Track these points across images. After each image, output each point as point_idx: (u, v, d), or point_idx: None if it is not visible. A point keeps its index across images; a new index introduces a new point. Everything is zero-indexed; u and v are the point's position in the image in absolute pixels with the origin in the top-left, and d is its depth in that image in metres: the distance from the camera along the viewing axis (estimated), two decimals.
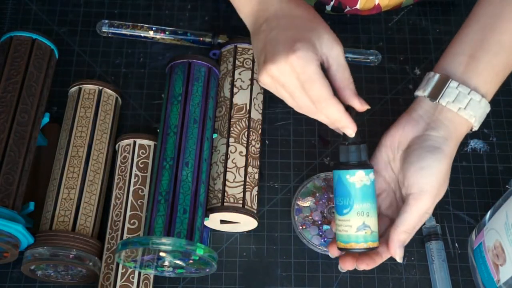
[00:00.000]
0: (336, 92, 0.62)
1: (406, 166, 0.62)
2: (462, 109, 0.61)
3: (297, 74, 0.59)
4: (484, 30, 0.62)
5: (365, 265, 0.63)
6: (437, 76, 0.63)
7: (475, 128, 0.63)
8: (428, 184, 0.60)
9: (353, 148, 0.62)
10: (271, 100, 0.80)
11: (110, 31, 0.84)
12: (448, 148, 0.61)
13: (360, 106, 0.62)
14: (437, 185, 0.61)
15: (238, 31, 0.84)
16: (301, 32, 0.60)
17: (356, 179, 0.61)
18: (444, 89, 0.62)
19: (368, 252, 0.63)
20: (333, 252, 0.64)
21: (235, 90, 0.75)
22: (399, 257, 0.62)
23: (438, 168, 0.61)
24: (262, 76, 0.61)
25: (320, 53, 0.60)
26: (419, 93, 0.64)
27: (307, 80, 0.59)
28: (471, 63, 0.62)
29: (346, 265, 0.63)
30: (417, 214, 0.61)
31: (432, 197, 0.61)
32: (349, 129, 0.62)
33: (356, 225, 0.61)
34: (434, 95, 0.62)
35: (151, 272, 0.68)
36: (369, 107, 0.63)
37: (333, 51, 0.61)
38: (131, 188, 0.71)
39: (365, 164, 0.62)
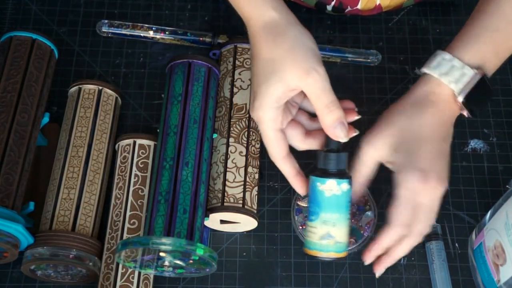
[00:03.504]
0: None
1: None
2: (444, 75, 0.62)
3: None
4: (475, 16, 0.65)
5: (378, 267, 0.64)
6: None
7: (460, 98, 0.63)
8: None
9: (330, 156, 0.60)
10: None
11: (110, 31, 0.84)
12: (429, 105, 0.63)
13: (334, 138, 0.60)
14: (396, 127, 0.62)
15: (238, 31, 0.84)
16: (262, 83, 0.60)
17: (326, 188, 0.60)
18: (430, 58, 0.64)
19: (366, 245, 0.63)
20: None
21: (235, 90, 0.75)
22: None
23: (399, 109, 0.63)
24: None
25: (292, 87, 0.59)
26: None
27: (262, 134, 0.62)
28: (458, 39, 0.64)
29: None
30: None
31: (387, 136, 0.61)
32: (297, 192, 0.64)
33: (320, 233, 0.60)
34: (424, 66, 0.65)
35: (151, 272, 0.68)
36: (345, 140, 0.60)
37: (303, 83, 0.59)
38: (131, 188, 0.71)
39: (339, 174, 0.60)
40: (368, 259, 0.64)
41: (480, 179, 0.77)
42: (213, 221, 0.70)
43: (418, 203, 0.61)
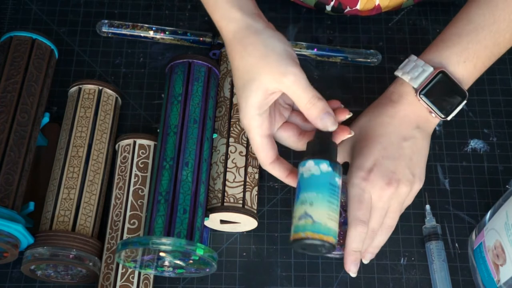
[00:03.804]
0: None
1: None
2: (405, 73, 0.66)
3: None
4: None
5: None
6: None
7: (420, 95, 0.65)
8: None
9: (313, 141, 0.61)
10: None
11: (110, 31, 0.84)
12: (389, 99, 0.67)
13: (323, 128, 0.60)
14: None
15: None
16: (241, 93, 0.61)
17: (305, 170, 0.59)
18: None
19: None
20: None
21: (235, 90, 0.75)
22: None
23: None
24: None
25: (271, 91, 0.60)
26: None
27: (250, 141, 0.63)
28: (430, 45, 0.69)
29: None
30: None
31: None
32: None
33: (298, 214, 0.58)
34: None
35: (151, 272, 0.68)
36: (334, 128, 0.60)
37: (282, 85, 0.59)
38: (131, 188, 0.71)
39: (318, 154, 0.59)
40: (349, 268, 0.64)
41: (480, 179, 0.77)
42: (213, 221, 0.70)
43: (372, 201, 0.63)
